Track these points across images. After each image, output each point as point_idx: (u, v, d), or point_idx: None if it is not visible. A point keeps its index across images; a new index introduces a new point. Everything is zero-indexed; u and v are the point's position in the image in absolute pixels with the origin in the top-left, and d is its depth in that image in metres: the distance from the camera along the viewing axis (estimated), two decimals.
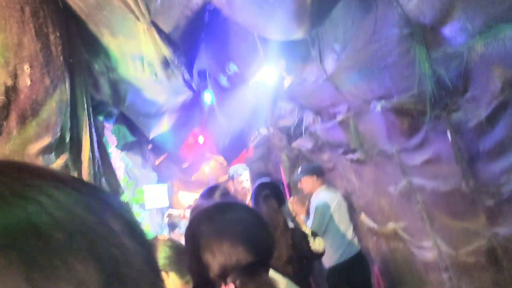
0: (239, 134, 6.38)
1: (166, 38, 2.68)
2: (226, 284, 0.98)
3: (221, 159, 8.71)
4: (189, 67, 3.31)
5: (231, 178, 4.65)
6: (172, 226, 5.49)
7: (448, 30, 2.34)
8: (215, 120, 5.46)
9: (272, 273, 1.08)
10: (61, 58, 2.00)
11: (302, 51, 4.12)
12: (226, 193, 4.15)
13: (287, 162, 6.00)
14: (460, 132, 2.58)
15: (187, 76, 3.23)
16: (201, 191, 10.21)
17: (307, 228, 3.09)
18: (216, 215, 1.11)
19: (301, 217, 3.89)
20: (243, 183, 4.49)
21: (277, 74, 4.33)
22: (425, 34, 2.54)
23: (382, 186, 3.85)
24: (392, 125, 3.22)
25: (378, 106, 3.04)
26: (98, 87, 3.33)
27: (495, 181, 2.46)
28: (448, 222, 3.04)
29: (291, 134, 5.29)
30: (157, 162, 7.96)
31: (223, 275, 0.99)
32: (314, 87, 3.99)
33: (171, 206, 8.21)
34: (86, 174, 2.06)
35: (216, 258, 1.00)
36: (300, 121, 4.87)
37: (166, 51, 2.75)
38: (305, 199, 4.48)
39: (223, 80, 4.76)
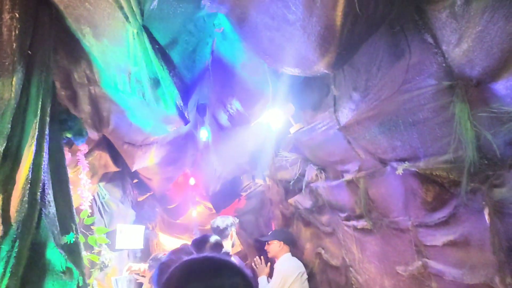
0: (232, 181, 5.85)
1: (160, 50, 2.24)
2: None
3: (209, 205, 8.12)
4: (185, 94, 2.85)
5: (219, 230, 4.08)
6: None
7: (502, 86, 1.90)
8: (208, 161, 4.96)
9: None
10: (14, 45, 1.54)
11: (315, 97, 3.70)
12: (218, 244, 3.59)
13: (280, 219, 5.42)
14: (502, 213, 2.06)
15: (180, 102, 2.77)
16: (184, 236, 9.50)
17: None
18: (207, 276, 1.11)
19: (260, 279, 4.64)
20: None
21: (284, 120, 3.88)
22: (469, 89, 2.10)
23: (389, 264, 3.26)
24: (412, 194, 2.71)
25: (400, 169, 2.54)
26: (76, 101, 2.86)
27: None
28: None
29: (290, 188, 4.76)
30: (140, 199, 7.37)
31: None
32: (323, 138, 3.53)
33: (149, 249, 7.51)
34: (16, 198, 1.53)
35: None
36: (302, 175, 4.36)
37: (158, 67, 2.31)
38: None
39: (223, 118, 4.31)
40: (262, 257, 4.86)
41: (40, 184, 1.72)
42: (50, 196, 1.93)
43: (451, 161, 2.23)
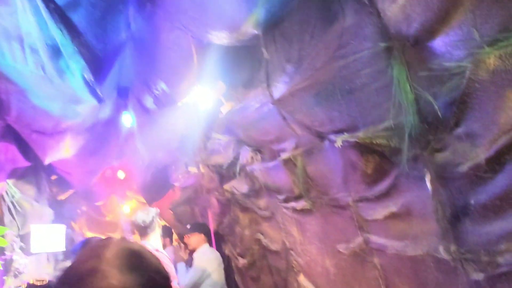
0: (163, 171, 5.47)
1: (57, 11, 1.86)
2: None
3: (142, 199, 7.65)
4: (96, 67, 2.47)
5: (146, 226, 3.72)
6: None
7: (442, 42, 1.78)
8: (134, 150, 4.55)
9: None
10: None
11: (246, 74, 3.47)
12: None
13: (216, 206, 5.17)
14: (445, 178, 1.96)
15: (89, 76, 2.39)
16: (115, 235, 8.91)
17: None
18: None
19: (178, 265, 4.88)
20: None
21: (214, 99, 3.60)
22: (407, 49, 1.97)
23: (330, 244, 3.14)
24: (351, 167, 2.57)
25: (339, 140, 2.38)
26: None
27: (490, 248, 1.84)
28: None
29: (224, 174, 4.52)
30: (61, 197, 6.73)
31: None
32: (256, 116, 3.31)
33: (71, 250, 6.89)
34: None
35: None
36: (236, 158, 4.13)
37: (56, 31, 1.92)
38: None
39: (149, 101, 3.94)
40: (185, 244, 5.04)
41: None
42: None
43: (391, 128, 2.10)
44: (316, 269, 3.39)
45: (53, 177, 5.82)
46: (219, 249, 5.50)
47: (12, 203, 4.33)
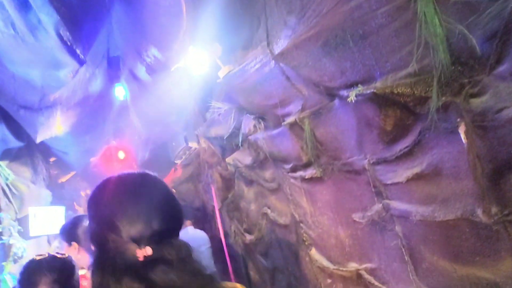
0: (163, 147, 5.20)
1: None
2: (140, 248, 1.04)
3: None
4: (73, 23, 2.16)
5: None
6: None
7: None
8: (129, 124, 4.27)
9: None
10: None
11: (245, 33, 3.14)
12: None
13: (220, 182, 4.91)
14: (483, 128, 1.67)
15: (66, 34, 2.08)
16: None
17: None
18: (133, 185, 1.14)
19: None
20: None
21: (210, 62, 3.29)
22: None
23: (344, 213, 2.88)
24: (367, 126, 2.28)
25: (352, 95, 2.08)
26: None
27: None
28: (444, 266, 2.10)
29: (226, 146, 4.24)
30: (62, 179, 6.50)
31: (138, 240, 1.05)
32: (257, 78, 3.00)
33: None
34: None
35: (134, 225, 1.06)
36: (238, 128, 3.84)
37: None
38: None
39: (141, 70, 3.62)
40: None
41: None
42: None
43: (415, 74, 1.80)
44: (329, 241, 3.14)
45: (52, 159, 5.58)
46: (225, 226, 5.28)
47: (7, 185, 4.08)
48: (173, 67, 3.15)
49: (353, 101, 2.11)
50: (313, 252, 3.37)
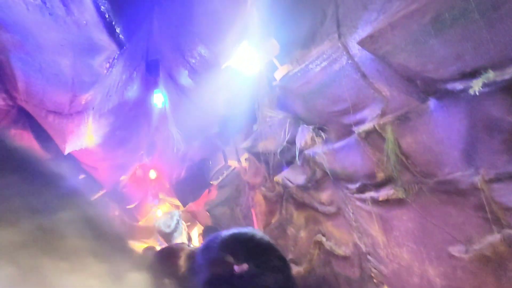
0: (200, 165, 4.73)
1: None
2: None
3: (176, 201, 6.95)
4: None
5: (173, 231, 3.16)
6: None
7: None
8: (167, 137, 3.83)
9: None
10: None
11: (307, 27, 2.68)
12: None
13: (263, 205, 4.37)
14: None
15: (105, 6, 1.65)
16: (149, 241, 8.19)
17: None
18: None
19: None
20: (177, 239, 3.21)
21: (265, 64, 2.83)
22: None
23: (435, 245, 2.28)
24: (485, 130, 1.72)
25: (478, 84, 1.54)
26: None
27: None
28: None
29: (275, 163, 3.72)
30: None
31: None
32: (323, 78, 2.51)
33: None
34: None
35: None
36: (291, 142, 3.33)
37: None
38: None
39: (183, 75, 3.20)
40: None
41: None
42: None
43: None
44: (410, 280, 2.53)
45: (81, 176, 5.19)
46: None
47: None
48: (221, 63, 2.70)
49: (477, 93, 1.57)
50: None
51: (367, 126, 2.39)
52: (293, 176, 3.52)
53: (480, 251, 1.97)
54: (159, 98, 3.36)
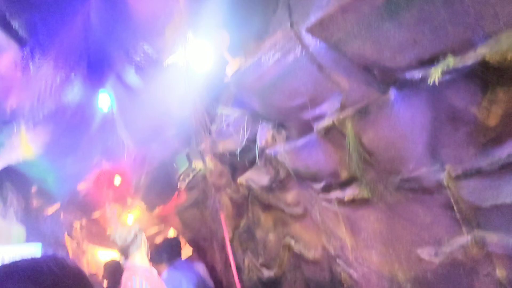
0: (162, 168, 4.47)
1: None
2: None
3: (142, 205, 6.66)
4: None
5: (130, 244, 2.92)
6: None
7: None
8: (118, 142, 3.55)
9: None
10: None
11: (258, 17, 2.46)
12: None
13: (230, 207, 4.15)
14: None
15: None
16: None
17: None
18: None
19: None
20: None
21: (215, 56, 2.59)
22: None
23: (403, 248, 2.11)
24: (450, 121, 1.54)
25: (437, 72, 1.35)
26: None
27: None
28: None
29: (237, 164, 3.50)
30: (49, 211, 5.75)
31: None
32: (278, 71, 2.30)
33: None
34: None
35: None
36: (252, 141, 3.11)
37: None
38: None
39: (130, 73, 2.93)
40: None
41: None
42: None
43: None
44: (380, 284, 2.35)
45: (34, 189, 4.85)
46: (237, 259, 4.49)
47: None
48: (165, 59, 2.45)
49: (437, 82, 1.38)
50: None
51: (326, 122, 2.20)
52: (257, 177, 3.30)
53: (450, 254, 1.80)
54: (105, 99, 3.08)
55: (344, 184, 2.39)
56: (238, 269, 4.60)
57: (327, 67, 2.06)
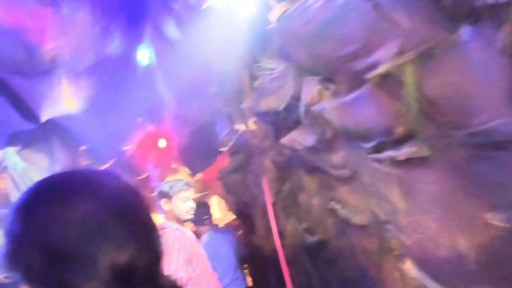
0: (204, 129, 4.36)
1: None
2: None
3: (186, 169, 6.67)
4: None
5: (167, 194, 2.82)
6: None
7: None
8: (157, 99, 3.44)
9: None
10: None
11: None
12: None
13: (272, 171, 4.01)
14: None
15: None
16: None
17: None
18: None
19: None
20: (187, 202, 2.92)
21: (258, 1, 2.37)
22: None
23: (468, 212, 1.87)
24: None
25: None
26: None
27: None
28: None
29: (281, 123, 3.32)
30: None
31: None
32: (327, 14, 2.05)
33: None
34: None
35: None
36: (296, 98, 2.90)
37: None
38: None
39: (170, 24, 2.79)
40: None
41: None
42: None
43: None
44: (436, 253, 2.13)
45: (82, 147, 4.94)
46: (279, 224, 4.39)
47: (20, 176, 3.43)
48: (203, 6, 2.27)
49: None
50: (408, 266, 2.37)
51: (381, 69, 1.94)
52: (301, 138, 3.11)
53: None
54: (144, 54, 2.97)
55: (398, 142, 2.14)
56: (281, 234, 4.50)
57: (384, 4, 1.79)
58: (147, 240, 0.69)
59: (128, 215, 0.68)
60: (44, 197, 0.66)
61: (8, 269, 0.65)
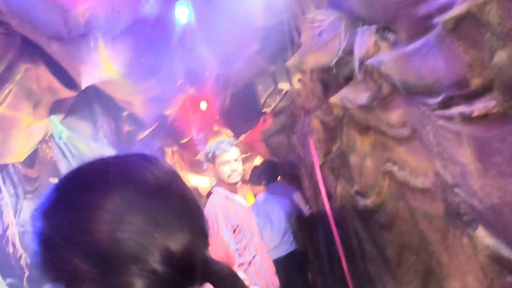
0: (246, 91, 4.18)
1: None
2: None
3: (228, 132, 6.58)
4: None
5: (209, 159, 2.81)
6: None
7: None
8: (200, 60, 3.27)
9: None
10: None
11: None
12: None
13: (321, 131, 3.81)
14: None
15: None
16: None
17: None
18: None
19: None
20: (227, 165, 2.89)
21: None
22: None
23: None
24: None
25: None
26: None
27: None
28: None
29: (330, 81, 3.07)
30: (140, 136, 5.90)
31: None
32: None
33: None
34: None
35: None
36: (348, 52, 2.63)
37: None
38: None
39: None
40: None
41: None
42: None
43: None
44: None
45: (125, 113, 4.92)
46: (328, 187, 4.23)
47: (66, 145, 3.43)
48: None
49: None
50: (481, 233, 2.15)
51: (456, 11, 1.65)
52: (354, 95, 2.86)
53: None
54: (183, 11, 2.77)
55: (473, 96, 1.87)
56: (329, 196, 4.35)
57: None
58: (198, 226, 0.67)
59: (174, 201, 0.64)
60: (78, 194, 0.61)
61: (49, 280, 0.58)
